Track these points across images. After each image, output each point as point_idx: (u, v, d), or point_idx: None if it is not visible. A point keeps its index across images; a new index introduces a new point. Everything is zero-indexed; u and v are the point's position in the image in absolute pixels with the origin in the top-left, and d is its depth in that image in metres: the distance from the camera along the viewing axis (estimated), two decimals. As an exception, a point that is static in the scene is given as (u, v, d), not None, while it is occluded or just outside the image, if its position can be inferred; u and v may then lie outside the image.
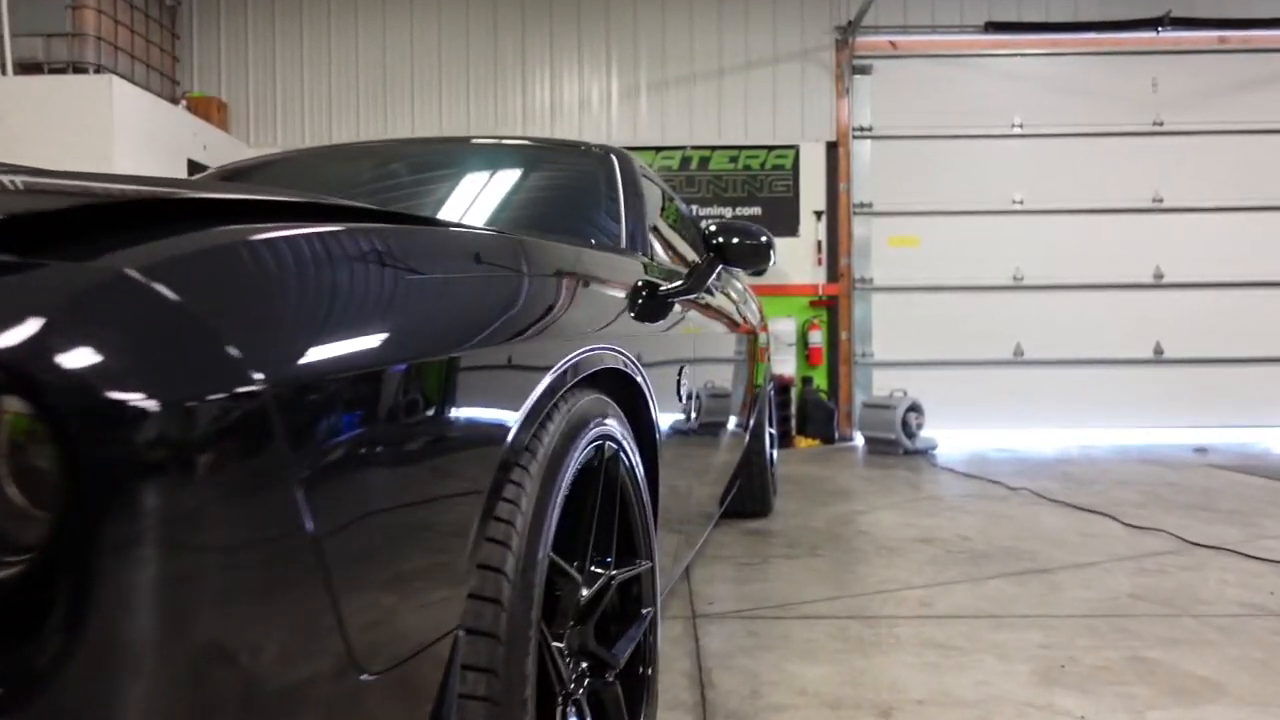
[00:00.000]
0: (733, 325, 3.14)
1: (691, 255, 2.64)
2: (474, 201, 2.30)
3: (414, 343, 0.79)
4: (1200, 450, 6.40)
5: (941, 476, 5.25)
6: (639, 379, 1.45)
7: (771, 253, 2.28)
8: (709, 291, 3.02)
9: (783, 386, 6.88)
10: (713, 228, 2.20)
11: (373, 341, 0.74)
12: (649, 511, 1.46)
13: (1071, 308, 7.27)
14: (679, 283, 2.09)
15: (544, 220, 2.16)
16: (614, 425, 1.28)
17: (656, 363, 1.72)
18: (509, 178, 2.45)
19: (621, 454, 1.32)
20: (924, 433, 6.37)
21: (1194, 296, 7.25)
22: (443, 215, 2.09)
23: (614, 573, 1.27)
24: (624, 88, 7.46)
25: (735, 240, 2.19)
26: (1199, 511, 4.03)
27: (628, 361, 1.38)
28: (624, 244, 2.05)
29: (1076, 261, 7.27)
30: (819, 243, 7.35)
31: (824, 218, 7.36)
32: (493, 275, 1.01)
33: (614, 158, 2.41)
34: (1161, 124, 7.32)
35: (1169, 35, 7.29)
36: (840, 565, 3.11)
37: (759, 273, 7.05)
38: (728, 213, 7.36)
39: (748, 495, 3.77)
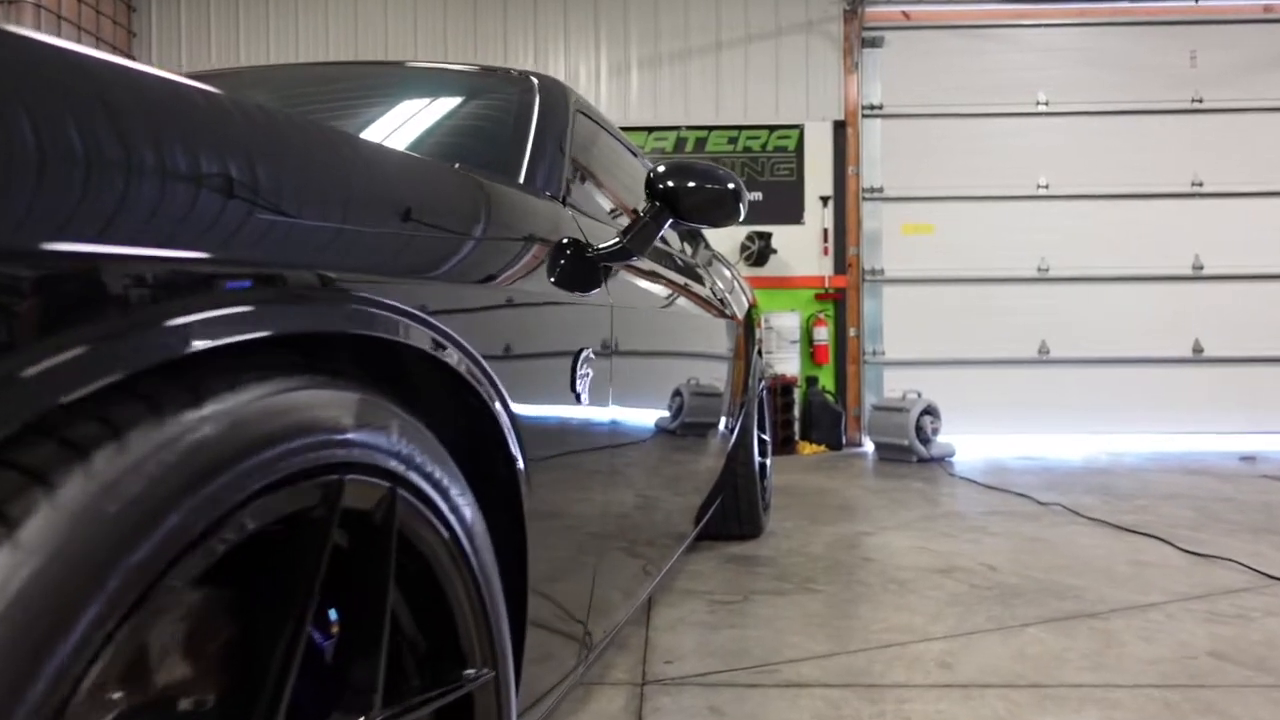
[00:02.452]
0: (710, 311, 2.59)
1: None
2: (348, 124, 1.74)
3: None
4: (1248, 459, 5.77)
5: (960, 489, 4.66)
6: (467, 367, 0.86)
7: (741, 205, 1.69)
8: (688, 272, 2.45)
9: (785, 387, 6.32)
10: (660, 168, 1.61)
11: None
12: (495, 589, 0.87)
13: (1102, 302, 6.68)
14: (611, 241, 1.53)
15: (422, 148, 1.59)
16: (384, 443, 0.70)
17: (539, 350, 1.14)
18: (400, 101, 1.89)
19: (410, 499, 0.73)
20: (940, 438, 5.84)
21: (1236, 289, 6.66)
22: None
23: (380, 715, 0.69)
24: (613, 64, 6.90)
25: (690, 185, 1.59)
26: (1267, 535, 3.42)
27: (422, 328, 0.79)
28: (522, 180, 1.47)
29: (1107, 251, 6.68)
30: (825, 231, 6.77)
31: (831, 203, 6.79)
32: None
33: (536, 82, 1.85)
34: (1201, 101, 6.72)
35: (1209, 4, 6.70)
36: (839, 606, 2.53)
37: (760, 262, 6.57)
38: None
39: (732, 514, 3.20)
